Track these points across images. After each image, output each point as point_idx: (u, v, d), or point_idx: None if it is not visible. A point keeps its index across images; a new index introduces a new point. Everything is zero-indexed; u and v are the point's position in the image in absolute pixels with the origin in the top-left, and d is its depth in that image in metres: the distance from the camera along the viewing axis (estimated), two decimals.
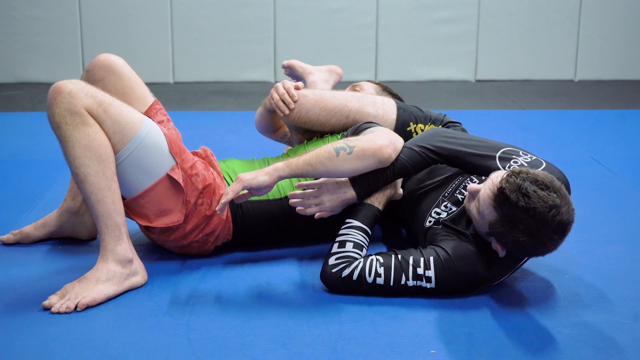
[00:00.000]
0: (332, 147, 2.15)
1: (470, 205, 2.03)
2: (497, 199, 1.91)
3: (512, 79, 6.18)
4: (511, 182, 1.89)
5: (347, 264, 2.09)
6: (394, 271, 2.06)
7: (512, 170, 1.93)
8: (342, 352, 1.81)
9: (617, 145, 3.99)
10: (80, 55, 5.94)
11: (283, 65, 3.01)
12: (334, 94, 2.46)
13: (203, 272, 2.27)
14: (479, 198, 1.98)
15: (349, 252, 2.11)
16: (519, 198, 1.87)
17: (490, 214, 1.94)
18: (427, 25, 6.07)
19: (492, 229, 1.95)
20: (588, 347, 1.85)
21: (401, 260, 2.07)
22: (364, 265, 2.07)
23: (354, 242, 2.13)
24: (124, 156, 2.14)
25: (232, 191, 2.11)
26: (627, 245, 2.53)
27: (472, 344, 1.86)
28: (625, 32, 6.17)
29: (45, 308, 2.01)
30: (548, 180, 1.91)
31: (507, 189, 1.88)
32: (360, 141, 2.17)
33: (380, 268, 2.06)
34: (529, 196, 1.86)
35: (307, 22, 6.03)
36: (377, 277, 2.06)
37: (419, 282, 2.05)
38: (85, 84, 2.13)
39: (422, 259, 2.06)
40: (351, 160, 2.14)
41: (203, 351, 1.81)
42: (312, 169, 2.15)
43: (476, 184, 2.03)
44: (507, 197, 1.88)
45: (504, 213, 1.90)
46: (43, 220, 2.50)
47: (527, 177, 1.90)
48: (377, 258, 2.09)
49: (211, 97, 5.52)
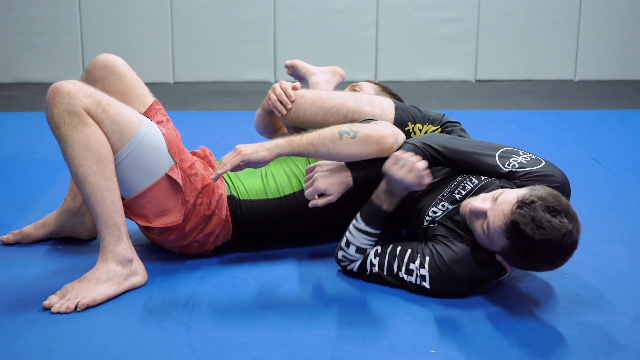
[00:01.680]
0: (335, 130, 2.16)
1: (475, 225, 2.00)
2: (510, 232, 1.88)
3: (512, 79, 6.18)
4: (524, 214, 1.85)
5: (349, 263, 2.21)
6: (387, 260, 2.13)
7: (522, 200, 1.88)
8: (342, 352, 1.81)
9: (617, 145, 3.99)
10: (80, 55, 5.94)
11: (286, 65, 3.01)
12: (331, 94, 2.46)
13: (203, 272, 2.27)
14: (489, 225, 1.93)
15: (352, 255, 2.20)
16: (534, 232, 1.84)
17: (502, 241, 1.92)
18: (427, 25, 6.07)
19: (504, 254, 1.96)
20: (588, 347, 1.85)
21: (399, 251, 2.13)
22: (364, 259, 2.17)
23: (357, 247, 2.18)
24: (122, 156, 2.14)
25: (230, 163, 2.08)
26: (627, 245, 2.53)
27: (472, 344, 1.86)
28: (625, 32, 6.17)
29: (45, 308, 2.01)
30: (557, 203, 1.88)
31: (521, 223, 1.85)
32: (364, 127, 2.17)
33: (375, 258, 2.16)
34: (544, 228, 1.84)
35: (307, 22, 6.03)
36: (372, 267, 2.16)
37: (409, 277, 2.09)
38: (83, 85, 2.13)
39: (418, 255, 2.09)
40: (354, 145, 2.14)
41: (203, 351, 1.81)
42: (314, 149, 2.14)
43: (479, 203, 1.98)
44: (522, 230, 1.85)
45: (518, 244, 1.89)
46: (43, 220, 2.50)
47: (539, 205, 1.86)
48: (376, 249, 2.18)
49: (211, 97, 5.52)
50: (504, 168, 2.11)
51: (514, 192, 1.94)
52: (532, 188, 1.94)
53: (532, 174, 2.07)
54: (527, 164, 2.10)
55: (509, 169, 2.10)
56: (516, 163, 2.11)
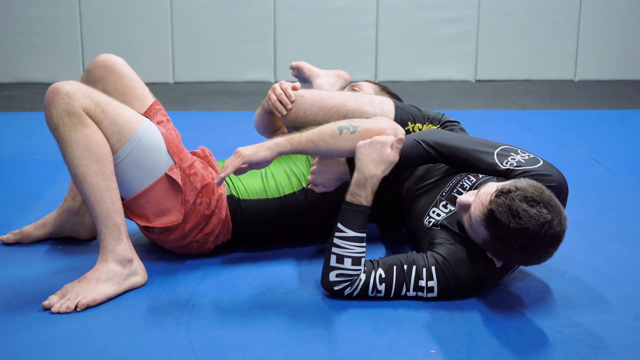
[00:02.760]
0: (335, 126, 2.15)
1: (463, 218, 2.03)
2: (487, 220, 1.89)
3: (512, 79, 6.18)
4: (500, 202, 1.86)
5: (349, 284, 2.05)
6: (395, 285, 2.05)
7: (500, 190, 1.90)
8: (342, 352, 1.81)
9: (616, 145, 3.99)
10: (80, 55, 5.94)
11: (291, 66, 3.01)
12: (331, 94, 2.46)
13: (203, 272, 2.27)
14: (470, 215, 1.96)
15: (349, 270, 2.04)
16: (510, 220, 1.85)
17: (482, 232, 1.94)
18: (427, 25, 6.07)
19: (486, 245, 1.97)
20: (587, 347, 1.85)
21: (406, 272, 2.05)
22: (366, 283, 2.05)
23: (352, 258, 2.04)
24: (122, 156, 2.14)
25: (231, 166, 2.07)
26: (627, 245, 2.53)
27: (472, 344, 1.86)
28: (625, 32, 6.17)
29: (45, 308, 2.01)
30: (537, 194, 1.87)
31: (497, 211, 1.86)
32: (363, 122, 2.17)
33: (381, 285, 2.05)
34: (520, 217, 1.84)
35: (307, 22, 6.03)
36: (378, 293, 2.06)
37: (419, 293, 2.06)
38: (82, 85, 2.13)
39: (424, 269, 2.05)
40: (353, 139, 2.14)
41: (203, 351, 1.81)
42: (314, 146, 2.14)
43: (465, 196, 2.00)
44: (498, 219, 1.86)
45: (496, 234, 1.90)
46: (43, 220, 2.50)
47: (515, 195, 1.87)
48: (380, 274, 2.05)
49: (211, 97, 5.52)
50: (502, 166, 2.11)
51: (495, 184, 1.95)
52: (515, 180, 1.94)
53: (530, 172, 2.07)
54: (525, 163, 2.10)
55: (506, 167, 2.10)
56: (514, 161, 2.11)
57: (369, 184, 2.07)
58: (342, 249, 2.04)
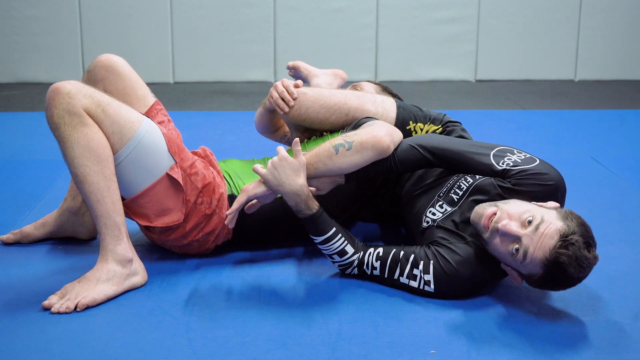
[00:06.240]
0: (330, 145, 2.15)
1: (496, 241, 1.97)
2: (551, 267, 1.89)
3: (512, 79, 6.18)
4: (570, 254, 1.87)
5: (347, 266, 2.19)
6: (389, 265, 2.12)
7: (564, 237, 1.88)
8: (342, 352, 1.81)
9: (616, 145, 3.99)
10: (80, 55, 5.94)
11: (288, 66, 3.01)
12: (333, 92, 2.46)
13: (203, 272, 2.27)
14: (527, 254, 1.91)
15: (341, 260, 2.18)
16: (577, 271, 1.89)
17: (536, 270, 1.93)
18: (427, 25, 6.08)
19: (529, 278, 1.97)
20: (588, 347, 1.85)
21: (402, 256, 2.11)
22: (362, 259, 2.16)
23: (337, 252, 2.15)
24: (123, 156, 2.14)
25: (238, 203, 2.13)
26: (627, 245, 2.53)
27: (472, 344, 1.86)
28: (625, 32, 6.17)
29: (45, 308, 2.01)
30: (589, 233, 1.92)
31: (566, 263, 1.87)
32: (358, 135, 2.17)
33: (377, 262, 2.14)
34: (583, 267, 1.89)
35: (307, 22, 6.03)
36: (373, 269, 2.15)
37: (412, 282, 2.08)
38: (83, 85, 2.13)
39: (422, 261, 2.08)
40: (351, 156, 2.14)
41: (203, 351, 1.81)
42: (314, 169, 2.15)
43: (513, 227, 1.93)
44: (565, 270, 1.88)
45: (552, 277, 1.91)
46: (43, 220, 2.50)
47: (579, 243, 1.87)
48: (378, 252, 2.16)
49: (211, 97, 5.52)
50: (498, 166, 2.11)
51: (552, 223, 1.91)
52: (564, 216, 1.93)
53: (526, 172, 2.07)
54: (521, 163, 2.10)
55: (503, 167, 2.10)
56: (510, 161, 2.11)
57: (301, 196, 2.10)
58: (326, 250, 2.17)
